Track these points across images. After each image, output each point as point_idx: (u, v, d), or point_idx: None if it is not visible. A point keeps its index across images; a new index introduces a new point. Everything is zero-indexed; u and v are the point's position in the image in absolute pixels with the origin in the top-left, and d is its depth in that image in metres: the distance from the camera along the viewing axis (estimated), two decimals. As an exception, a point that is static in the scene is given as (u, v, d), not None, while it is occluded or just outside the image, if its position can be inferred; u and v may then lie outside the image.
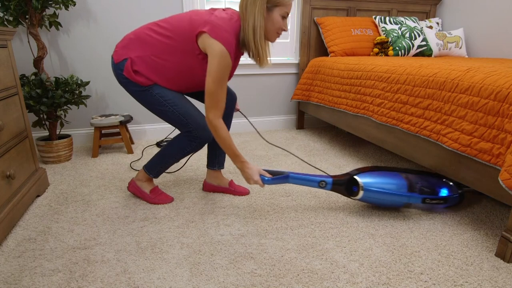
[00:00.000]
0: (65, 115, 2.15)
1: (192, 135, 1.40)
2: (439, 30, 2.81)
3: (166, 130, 2.63)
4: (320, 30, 2.65)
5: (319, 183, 1.42)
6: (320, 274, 1.07)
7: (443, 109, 1.37)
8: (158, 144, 2.43)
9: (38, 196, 1.61)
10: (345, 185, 1.43)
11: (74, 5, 2.05)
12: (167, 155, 1.48)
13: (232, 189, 1.64)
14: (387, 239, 1.26)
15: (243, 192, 1.64)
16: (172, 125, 1.42)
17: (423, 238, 1.26)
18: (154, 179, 1.79)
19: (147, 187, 1.56)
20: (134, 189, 1.58)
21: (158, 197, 1.54)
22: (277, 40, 2.75)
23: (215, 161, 1.64)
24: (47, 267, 1.10)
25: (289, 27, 2.74)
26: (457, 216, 1.43)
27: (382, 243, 1.23)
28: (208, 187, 1.67)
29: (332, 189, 1.44)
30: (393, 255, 1.16)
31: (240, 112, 1.78)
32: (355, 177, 1.40)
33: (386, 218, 1.41)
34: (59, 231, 1.31)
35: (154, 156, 1.51)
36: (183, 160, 2.12)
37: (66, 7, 1.98)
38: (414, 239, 1.26)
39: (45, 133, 2.35)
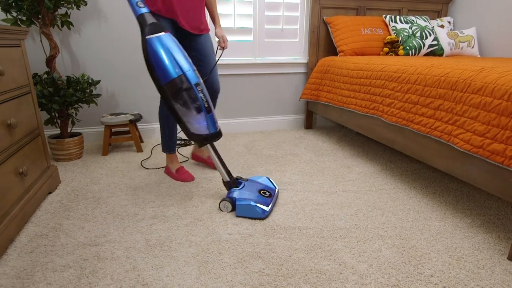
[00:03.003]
0: (76, 114, 2.17)
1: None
2: (450, 29, 2.77)
3: (175, 129, 2.64)
4: (330, 29, 2.64)
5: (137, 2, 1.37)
6: (329, 274, 1.07)
7: (455, 109, 1.35)
8: (167, 143, 2.45)
9: (50, 193, 1.64)
10: (148, 24, 1.36)
11: (86, 5, 2.07)
12: (160, 127, 1.77)
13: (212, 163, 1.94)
14: (397, 241, 1.25)
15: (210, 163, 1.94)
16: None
17: (433, 240, 1.25)
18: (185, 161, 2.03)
19: (174, 167, 1.83)
20: (167, 170, 1.86)
21: (181, 176, 1.79)
22: (286, 39, 2.75)
23: None
24: (58, 263, 1.12)
25: (298, 26, 2.73)
26: (468, 218, 1.41)
27: (392, 244, 1.22)
28: (195, 157, 2.04)
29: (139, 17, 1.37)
30: (403, 257, 1.15)
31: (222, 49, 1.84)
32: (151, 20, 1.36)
33: (395, 220, 1.39)
34: (70, 228, 1.33)
35: None
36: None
37: (78, 7, 2.01)
38: (424, 241, 1.24)
39: (57, 131, 2.39)
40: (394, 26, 2.58)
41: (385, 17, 2.65)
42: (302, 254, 1.16)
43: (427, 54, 2.56)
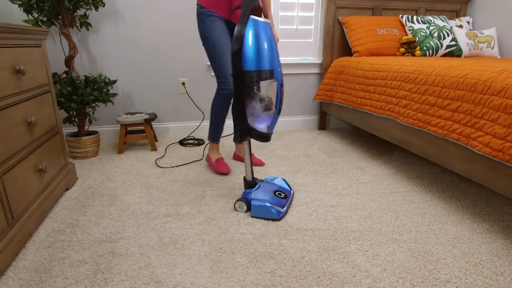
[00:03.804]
0: (93, 112, 2.22)
1: (219, 87, 1.73)
2: (469, 30, 2.70)
3: (188, 128, 2.67)
4: (345, 29, 2.61)
5: None
6: (341, 277, 1.06)
7: (474, 111, 1.32)
8: (181, 142, 2.48)
9: (67, 189, 1.68)
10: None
11: (104, 5, 2.12)
12: (210, 117, 1.84)
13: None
14: (412, 245, 1.22)
15: (259, 164, 2.01)
16: (212, 69, 1.75)
17: (449, 245, 1.22)
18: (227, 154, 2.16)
19: (214, 156, 1.93)
20: (207, 159, 1.97)
21: (218, 167, 1.86)
22: (300, 40, 2.73)
23: (237, 136, 2.02)
24: (75, 258, 1.14)
25: (312, 27, 2.72)
26: (486, 223, 1.37)
27: (406, 248, 1.20)
28: (235, 156, 2.12)
29: None
30: (418, 261, 1.13)
31: None
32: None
33: (411, 223, 1.37)
34: (86, 224, 1.36)
35: None
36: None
37: (96, 8, 2.05)
38: (440, 246, 1.22)
39: (74, 129, 2.45)
40: (411, 26, 2.54)
41: (402, 17, 2.60)
42: (314, 256, 1.16)
43: (445, 55, 2.50)
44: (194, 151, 2.30)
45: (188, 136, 2.63)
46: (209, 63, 2.53)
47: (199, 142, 2.48)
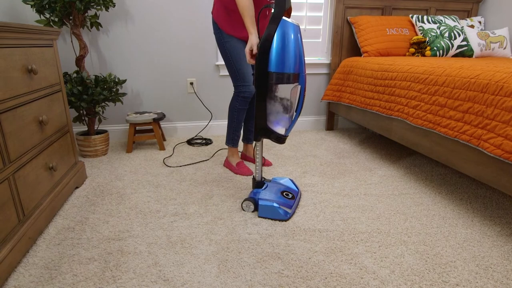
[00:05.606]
0: (103, 112, 2.24)
1: (238, 90, 1.75)
2: (481, 30, 2.66)
3: (196, 128, 2.68)
4: (354, 29, 2.60)
5: None
6: (349, 278, 1.05)
7: (485, 113, 1.30)
8: (188, 142, 2.49)
9: (77, 187, 1.70)
10: None
11: (114, 6, 2.14)
12: (228, 120, 1.86)
13: None
14: (420, 247, 1.21)
15: (267, 164, 2.02)
16: (229, 73, 1.77)
17: (459, 248, 1.21)
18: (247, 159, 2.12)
19: (234, 160, 1.93)
20: (226, 164, 1.97)
21: (241, 170, 1.87)
22: (309, 40, 2.73)
23: (245, 136, 2.04)
24: (84, 256, 1.16)
25: (321, 27, 2.71)
26: (497, 226, 1.35)
27: (415, 250, 1.19)
28: (242, 156, 2.12)
29: None
30: (427, 264, 1.12)
31: None
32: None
33: (419, 225, 1.36)
34: (95, 222, 1.38)
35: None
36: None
37: (106, 8, 2.07)
38: (449, 248, 1.20)
39: (84, 128, 2.48)
40: (421, 26, 2.51)
41: (412, 17, 2.58)
42: (322, 257, 1.15)
43: (455, 55, 2.47)
44: (202, 151, 2.31)
45: (196, 136, 2.64)
46: (217, 63, 2.55)
47: (207, 142, 2.49)
